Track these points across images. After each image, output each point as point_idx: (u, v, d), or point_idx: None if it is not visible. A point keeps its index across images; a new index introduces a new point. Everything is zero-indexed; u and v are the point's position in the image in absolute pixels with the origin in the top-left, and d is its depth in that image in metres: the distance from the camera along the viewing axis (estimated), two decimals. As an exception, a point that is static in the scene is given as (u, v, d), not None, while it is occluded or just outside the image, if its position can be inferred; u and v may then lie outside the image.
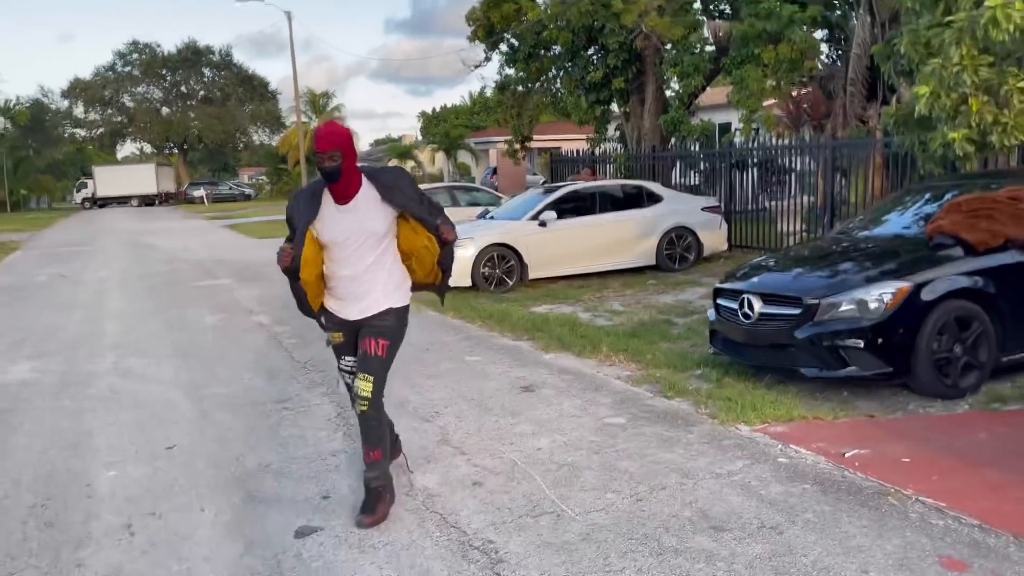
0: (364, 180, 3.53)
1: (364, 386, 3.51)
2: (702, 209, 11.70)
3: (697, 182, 13.92)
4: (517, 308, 8.73)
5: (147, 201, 51.12)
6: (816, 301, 4.96)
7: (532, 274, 10.57)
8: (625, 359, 6.31)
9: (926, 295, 4.80)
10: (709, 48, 14.58)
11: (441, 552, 3.22)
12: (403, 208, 3.52)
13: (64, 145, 61.70)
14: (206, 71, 64.27)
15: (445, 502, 3.71)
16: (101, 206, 51.50)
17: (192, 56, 61.98)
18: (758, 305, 5.30)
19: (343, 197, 3.48)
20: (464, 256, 10.17)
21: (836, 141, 11.40)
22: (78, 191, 55.74)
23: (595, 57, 14.89)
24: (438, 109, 50.91)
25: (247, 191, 57.68)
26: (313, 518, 3.56)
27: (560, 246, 10.67)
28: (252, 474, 4.13)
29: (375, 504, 3.51)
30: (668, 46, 14.25)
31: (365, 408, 3.53)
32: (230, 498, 3.84)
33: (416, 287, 3.82)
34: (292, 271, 3.51)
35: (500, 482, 3.92)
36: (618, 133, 17.21)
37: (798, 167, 12.12)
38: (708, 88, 16.19)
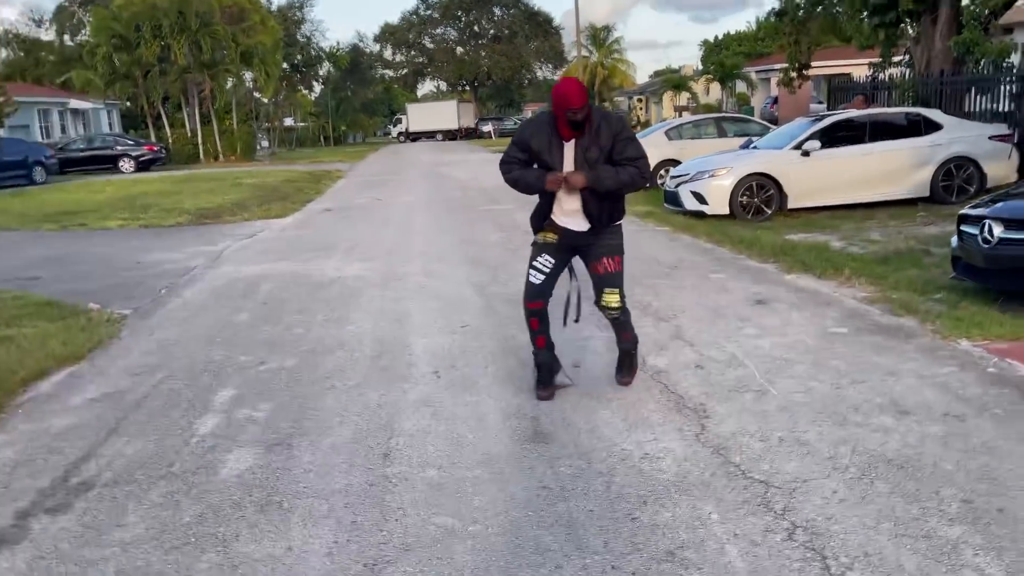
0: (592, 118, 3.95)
1: (612, 299, 4.12)
2: (989, 138, 10.96)
3: (995, 108, 12.84)
4: (770, 235, 9.13)
5: (450, 135, 55.73)
6: (1057, 226, 5.00)
7: (792, 204, 10.75)
8: (866, 282, 6.62)
9: None
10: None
11: (660, 408, 4.12)
12: (610, 145, 3.92)
13: (376, 85, 68.88)
14: (496, 10, 67.84)
15: (669, 377, 4.57)
16: (413, 140, 57.29)
17: (484, -3, 65.66)
18: (998, 230, 5.40)
19: (571, 135, 3.92)
20: (722, 185, 10.67)
21: None
22: (394, 126, 62.68)
23: (881, -23, 14.09)
24: (720, 37, 49.49)
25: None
26: (565, 380, 4.61)
27: (823, 176, 10.69)
28: (522, 346, 5.27)
29: (632, 364, 4.34)
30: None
31: (617, 315, 4.19)
32: (506, 361, 5.03)
33: None
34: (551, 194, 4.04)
35: (719, 367, 4.70)
36: (907, 57, 16.12)
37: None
38: (1017, 3, 14.60)
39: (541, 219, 4.16)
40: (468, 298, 6.87)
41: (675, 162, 13.70)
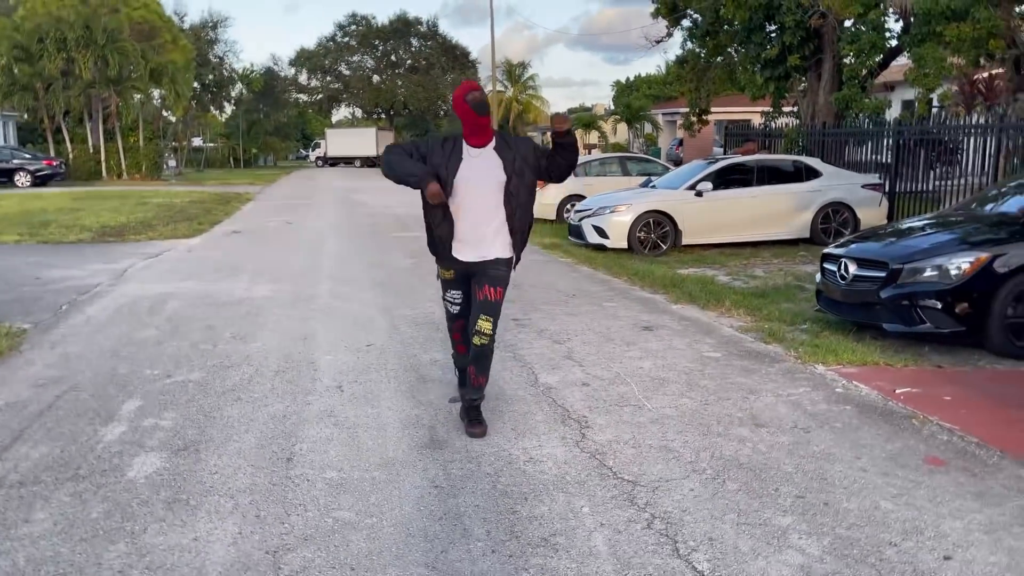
0: (495, 137, 4.13)
1: (486, 325, 4.10)
2: (862, 186, 12.02)
3: (874, 159, 14.01)
4: (663, 268, 9.75)
5: (368, 162, 55.50)
6: (900, 266, 5.70)
7: (686, 240, 11.47)
8: (743, 313, 7.24)
9: (1001, 266, 5.41)
10: (896, 24, 14.54)
11: (547, 419, 4.51)
12: (522, 155, 4.07)
13: (289, 109, 68.22)
14: (414, 41, 68.41)
15: (557, 393, 4.97)
16: (332, 164, 56.88)
17: (402, 27, 66.22)
18: (852, 268, 6.09)
19: (482, 138, 4.05)
20: (622, 221, 11.31)
21: (1004, 123, 11.28)
22: (312, 150, 62.21)
23: (772, 34, 15.26)
24: (632, 79, 51.50)
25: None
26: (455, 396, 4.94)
27: (714, 215, 11.48)
28: (424, 364, 5.61)
29: (480, 416, 4.26)
30: (848, 23, 14.38)
31: (485, 343, 4.13)
32: (407, 376, 5.34)
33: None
34: (441, 206, 4.05)
35: (603, 385, 5.13)
36: (796, 108, 17.39)
37: (968, 147, 12.05)
38: (893, 64, 16.03)
39: (440, 247, 4.22)
40: (374, 319, 7.14)
41: (580, 197, 14.33)
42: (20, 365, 5.74)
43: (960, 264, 5.49)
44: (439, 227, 4.16)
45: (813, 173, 12.00)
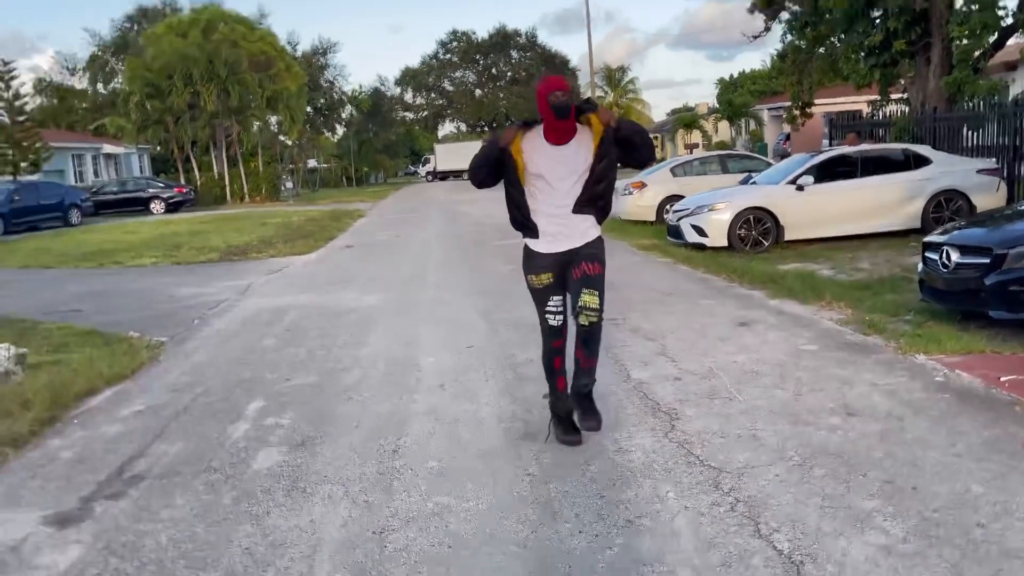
0: (577, 131, 3.99)
1: (592, 299, 3.90)
2: (977, 171, 11.49)
3: (998, 142, 13.30)
4: (763, 265, 9.65)
5: None
6: (1004, 251, 5.52)
7: (788, 236, 11.28)
8: (844, 306, 7.12)
9: (1111, 247, 5.16)
10: (1011, 0, 13.77)
11: (637, 411, 4.66)
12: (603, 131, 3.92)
13: (396, 127, 70.48)
14: (514, 53, 69.47)
15: (649, 387, 5.11)
16: (442, 179, 58.32)
17: (502, 40, 67.36)
18: (955, 256, 5.92)
19: (562, 138, 3.95)
20: (720, 219, 11.24)
21: None
22: (423, 165, 64.28)
23: (875, 20, 14.76)
24: (735, 75, 50.49)
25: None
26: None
27: (817, 209, 11.23)
28: (520, 364, 5.85)
29: (592, 407, 4.16)
30: (959, 3, 13.75)
31: (594, 320, 3.94)
32: (505, 375, 5.59)
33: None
34: (494, 163, 3.99)
35: (694, 379, 5.23)
36: (906, 95, 16.71)
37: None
38: (1011, 42, 15.18)
39: (523, 227, 4.12)
40: (474, 322, 7.45)
41: (680, 198, 14.27)
42: (159, 373, 6.35)
43: (1068, 247, 5.28)
44: (515, 210, 4.10)
45: (922, 161, 11.55)
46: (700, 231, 11.49)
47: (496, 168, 4.05)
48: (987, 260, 5.63)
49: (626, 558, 3.02)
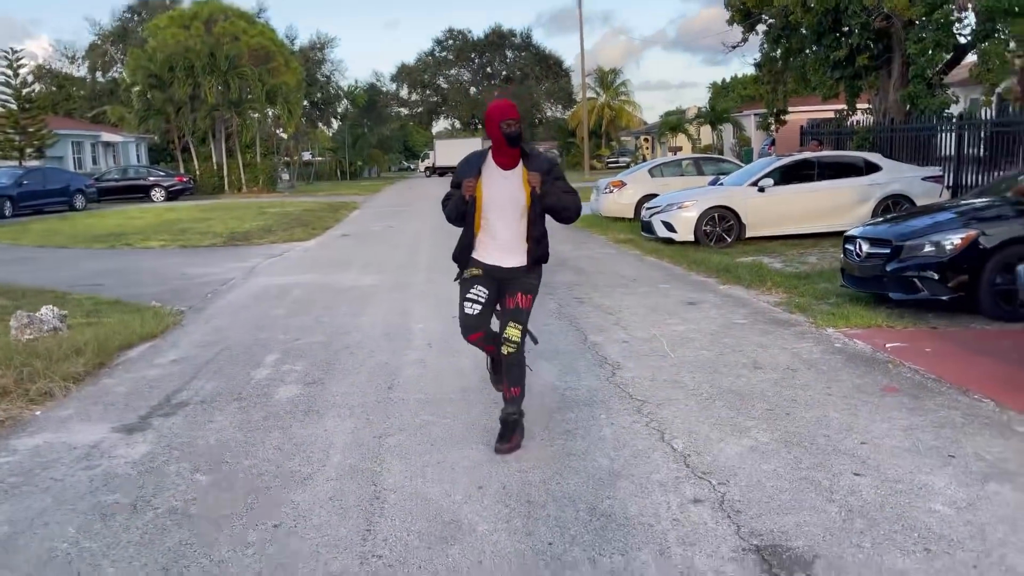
0: (521, 159, 4.11)
1: (515, 333, 4.11)
2: (923, 179, 12.60)
3: (961, 152, 14.37)
4: (722, 257, 10.73)
5: None
6: (901, 243, 6.61)
7: (750, 233, 12.37)
8: (781, 291, 8.21)
9: (987, 242, 6.25)
10: (966, 21, 14.90)
11: (587, 364, 5.71)
12: (539, 178, 4.00)
13: (391, 123, 71.40)
14: (508, 53, 70.56)
15: (601, 347, 6.17)
16: (440, 174, 59.18)
17: (497, 40, 68.46)
18: (865, 247, 7.01)
19: (509, 164, 4.07)
20: (688, 216, 12.33)
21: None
22: (422, 160, 65.39)
23: (840, 37, 15.87)
24: (727, 80, 51.57)
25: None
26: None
27: (776, 209, 12.33)
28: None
29: (511, 434, 4.15)
30: (916, 22, 14.87)
31: (513, 351, 4.11)
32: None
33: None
34: (465, 212, 4.12)
35: (639, 342, 6.29)
36: (869, 106, 17.85)
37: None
38: (966, 61, 16.32)
39: (466, 254, 4.25)
40: (460, 299, 8.49)
41: (657, 196, 15.33)
42: (185, 334, 7.37)
43: (953, 240, 6.36)
44: (464, 235, 4.24)
45: (873, 167, 12.66)
46: (670, 227, 12.57)
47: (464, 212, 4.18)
48: (888, 251, 6.72)
49: (561, 452, 4.08)
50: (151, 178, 32.35)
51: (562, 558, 3.00)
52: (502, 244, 4.14)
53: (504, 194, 4.07)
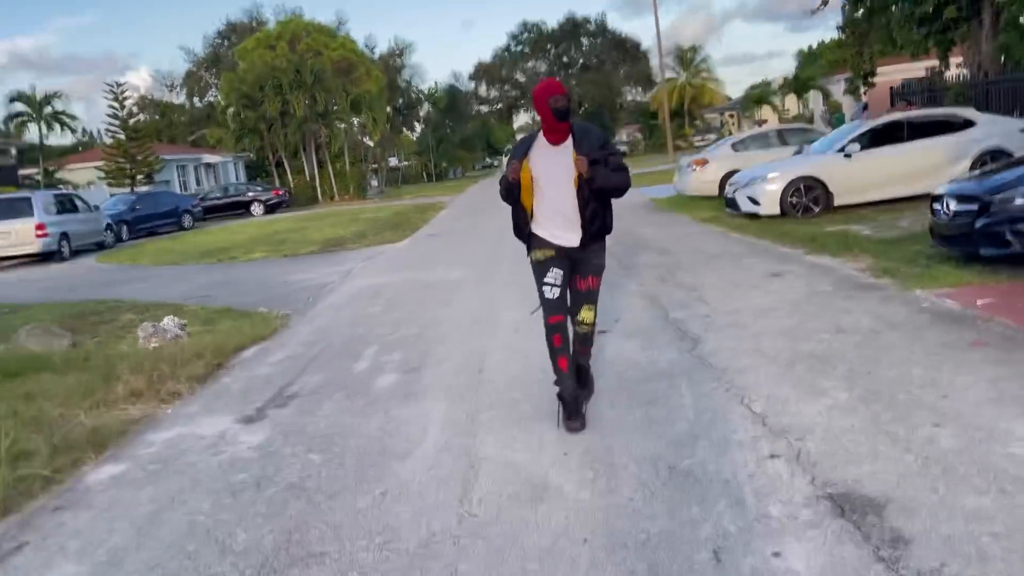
0: (571, 134, 4.19)
1: (588, 315, 4.39)
2: (1021, 131, 12.04)
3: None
4: (808, 228, 10.60)
5: None
6: (990, 198, 6.46)
7: (838, 201, 12.12)
8: (868, 257, 8.10)
9: (1080, 189, 6.05)
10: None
11: (669, 339, 5.87)
12: (586, 164, 4.06)
13: (472, 121, 72.31)
14: (584, 40, 70.27)
15: (682, 323, 6.30)
16: None
17: (571, 28, 68.25)
18: (953, 204, 6.87)
19: (559, 139, 4.15)
20: (772, 189, 12.19)
21: None
22: (504, 156, 66.61)
23: (926, -10, 15.29)
24: (815, 46, 49.78)
25: (621, 149, 62.59)
26: (609, 327, 6.38)
27: (865, 175, 12.02)
28: (581, 312, 7.12)
29: (587, 379, 4.57)
30: (1007, -33, 14.18)
31: (587, 331, 4.45)
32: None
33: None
34: (515, 187, 4.24)
35: (720, 315, 6.40)
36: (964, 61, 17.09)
37: None
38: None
39: (523, 230, 4.40)
40: (545, 286, 8.74)
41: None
42: (290, 335, 7.89)
43: (1043, 191, 6.18)
44: (513, 213, 4.43)
45: (968, 123, 12.18)
46: (754, 201, 12.45)
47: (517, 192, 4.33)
48: (976, 207, 6.58)
49: (643, 419, 4.28)
50: (250, 194, 33.99)
51: (642, 511, 3.22)
52: (560, 221, 4.22)
53: (556, 170, 4.15)
